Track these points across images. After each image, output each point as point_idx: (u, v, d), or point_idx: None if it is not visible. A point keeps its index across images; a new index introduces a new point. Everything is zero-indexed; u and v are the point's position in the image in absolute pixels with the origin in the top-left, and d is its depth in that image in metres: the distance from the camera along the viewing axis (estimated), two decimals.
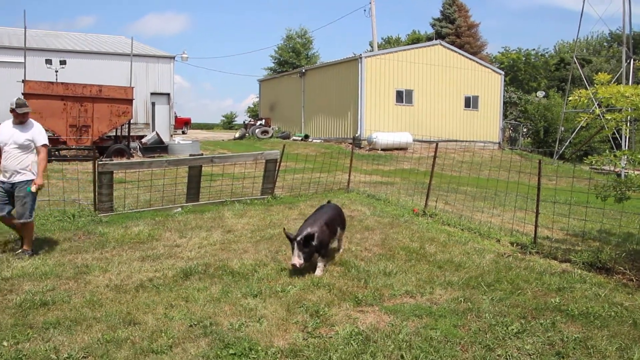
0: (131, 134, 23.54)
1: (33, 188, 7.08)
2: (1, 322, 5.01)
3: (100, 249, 7.59)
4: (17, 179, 7.01)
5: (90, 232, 8.52)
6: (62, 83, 21.41)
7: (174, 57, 29.84)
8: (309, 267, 6.53)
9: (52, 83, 21.28)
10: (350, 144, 24.54)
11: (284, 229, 7.00)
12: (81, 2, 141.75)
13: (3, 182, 7.04)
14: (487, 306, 5.54)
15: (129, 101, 22.06)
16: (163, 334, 4.76)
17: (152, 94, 28.32)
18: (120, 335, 4.71)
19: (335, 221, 7.04)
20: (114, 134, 23.18)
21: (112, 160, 12.58)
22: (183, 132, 42.68)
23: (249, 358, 4.38)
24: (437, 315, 5.29)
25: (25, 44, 22.89)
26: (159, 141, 23.63)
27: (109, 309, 5.32)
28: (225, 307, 5.42)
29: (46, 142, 7.27)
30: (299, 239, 6.27)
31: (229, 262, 6.88)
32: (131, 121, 23.24)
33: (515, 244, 8.35)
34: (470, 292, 5.98)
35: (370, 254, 7.50)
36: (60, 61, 24.20)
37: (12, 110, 7.02)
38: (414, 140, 27.77)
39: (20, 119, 7.07)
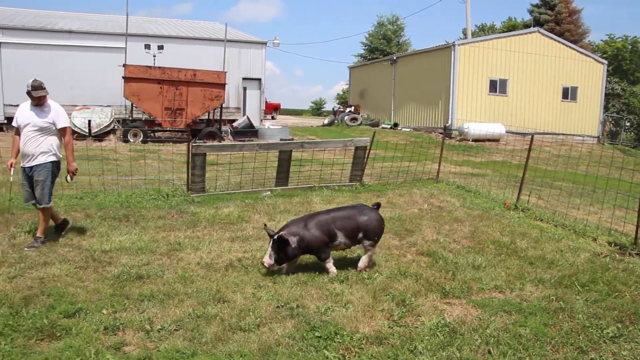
0: (223, 117, 24.15)
1: (69, 178, 7.15)
2: (101, 292, 5.29)
3: (192, 227, 7.84)
4: (34, 162, 6.84)
5: (183, 211, 8.82)
6: (159, 67, 22.25)
7: (265, 43, 30.24)
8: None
9: (149, 67, 22.17)
10: (441, 133, 24.09)
11: (265, 225, 6.55)
12: None
13: (24, 169, 6.92)
14: (580, 307, 5.29)
15: (222, 85, 22.63)
16: (251, 312, 4.85)
17: (243, 79, 28.84)
18: (210, 312, 4.85)
19: (340, 224, 6.05)
20: (206, 117, 23.88)
21: (205, 143, 12.92)
22: (272, 117, 43.37)
23: (335, 342, 4.39)
24: (527, 312, 5.11)
25: (127, 30, 23.91)
26: (250, 125, 24.11)
27: (199, 286, 5.49)
28: (311, 291, 5.46)
29: (67, 124, 7.04)
30: (275, 237, 5.81)
31: None
32: (223, 105, 23.82)
33: (613, 244, 7.91)
34: (562, 291, 5.73)
35: (458, 246, 7.34)
36: (158, 46, 25.10)
37: (28, 93, 6.73)
38: (506, 132, 26.90)
39: (37, 102, 6.81)
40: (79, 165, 12.73)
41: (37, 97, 6.73)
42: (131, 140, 21.06)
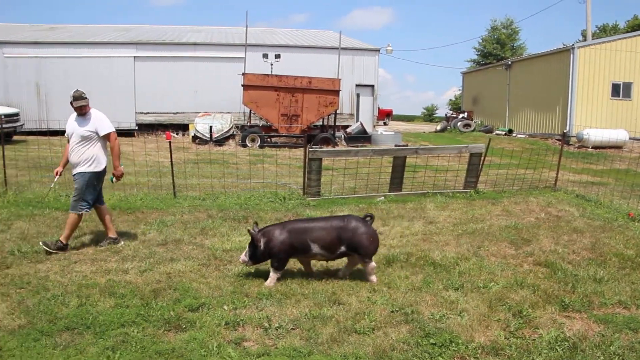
0: (336, 123, 24.51)
1: (114, 180, 7.21)
2: (222, 288, 5.53)
3: None
4: (75, 170, 6.98)
5: (299, 214, 9.02)
6: (276, 75, 23.03)
7: (378, 50, 30.35)
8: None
9: (267, 75, 22.99)
10: (558, 140, 23.03)
11: (255, 222, 6.27)
12: (295, 1, 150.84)
13: (73, 176, 7.05)
14: None
15: (336, 92, 22.99)
16: (366, 316, 4.87)
17: (357, 85, 29.11)
18: (325, 313, 4.92)
19: (316, 235, 5.75)
20: (321, 123, 24.31)
21: (322, 148, 13.16)
22: (384, 123, 43.36)
23: (450, 350, 4.32)
24: None
25: (246, 41, 24.92)
26: (363, 131, 24.30)
27: (315, 287, 5.59)
28: (426, 297, 5.40)
29: (111, 130, 7.05)
30: (252, 235, 5.78)
31: (430, 253, 6.83)
32: (337, 111, 24.21)
33: None
34: None
35: (578, 258, 6.95)
36: (275, 55, 25.98)
37: (71, 103, 6.86)
38: (630, 138, 25.18)
39: (79, 112, 6.92)
40: (202, 168, 13.47)
41: (78, 107, 6.87)
42: (249, 145, 21.90)
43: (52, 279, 5.84)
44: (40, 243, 6.83)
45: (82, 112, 6.90)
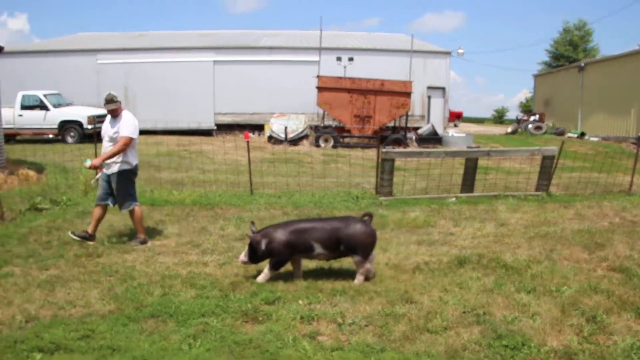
0: (407, 125, 24.47)
1: (87, 164, 7.32)
2: (297, 283, 5.71)
3: (380, 229, 8.02)
4: (110, 170, 7.18)
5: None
6: (349, 78, 23.32)
7: (450, 53, 30.08)
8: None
9: (340, 78, 23.34)
10: (633, 143, 22.12)
11: (252, 222, 6.21)
12: (368, 5, 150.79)
13: (104, 173, 7.27)
14: None
15: (408, 94, 23.02)
16: (438, 315, 4.91)
17: (428, 87, 28.91)
18: (398, 311, 5.00)
19: (317, 235, 5.78)
20: (392, 124, 24.34)
21: (394, 149, 13.26)
22: (455, 125, 42.71)
23: (522, 352, 4.30)
24: None
25: (320, 45, 25.28)
26: (434, 133, 24.19)
27: (388, 285, 5.68)
28: (498, 299, 5.39)
29: (129, 134, 7.07)
30: (250, 238, 5.81)
31: (502, 255, 6.78)
32: (408, 113, 24.19)
33: None
34: None
35: None
36: (348, 58, 26.23)
37: (104, 106, 7.18)
38: None
39: (111, 114, 7.16)
40: (278, 167, 13.81)
41: (109, 110, 7.11)
42: (322, 145, 22.23)
43: (138, 268, 6.23)
44: (132, 243, 7.24)
45: (114, 114, 7.15)
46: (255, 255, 5.81)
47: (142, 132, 26.09)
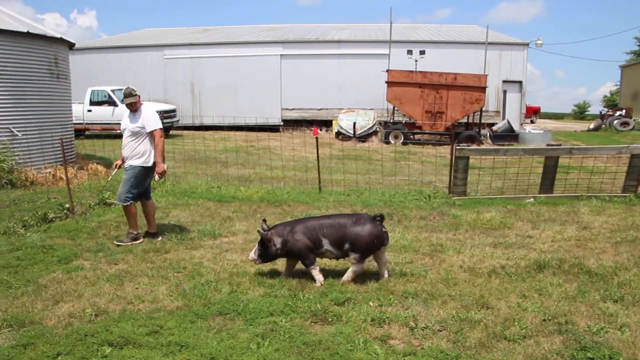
0: (481, 121, 23.85)
1: (156, 177, 7.22)
2: (367, 285, 5.55)
3: (454, 230, 7.86)
4: (127, 163, 7.17)
5: (444, 213, 8.89)
6: (420, 72, 22.86)
7: (527, 44, 29.01)
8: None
9: (411, 72, 22.90)
10: None
11: (264, 220, 6.04)
12: None
13: (124, 168, 7.26)
14: None
15: (482, 89, 22.40)
16: (516, 322, 4.68)
17: (503, 81, 28.09)
18: (473, 316, 4.79)
19: (327, 232, 5.70)
20: (465, 120, 23.77)
21: (468, 146, 12.89)
22: (532, 121, 41.47)
23: None
24: None
25: (390, 37, 24.97)
26: (510, 129, 23.48)
27: (462, 289, 5.47)
28: (581, 307, 5.08)
29: (156, 127, 7.13)
30: (261, 235, 5.74)
31: (585, 261, 6.41)
32: (482, 108, 23.55)
33: None
34: None
35: None
36: (420, 51, 25.74)
37: (122, 101, 7.15)
38: None
39: (130, 108, 7.13)
40: (347, 164, 13.71)
41: (129, 104, 7.08)
42: (392, 141, 21.96)
43: (206, 265, 6.25)
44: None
45: (133, 108, 7.13)
46: (266, 253, 5.80)
47: (208, 128, 26.87)
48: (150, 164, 7.18)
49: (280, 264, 6.20)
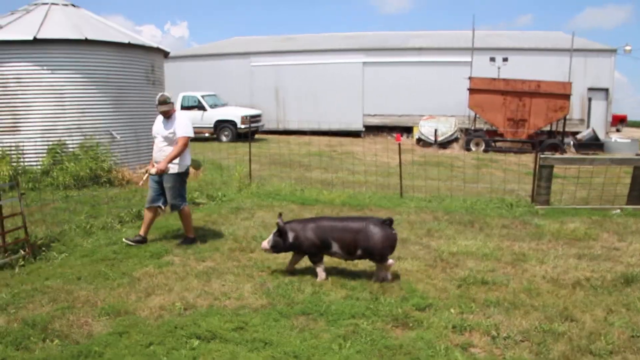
0: (565, 129, 23.17)
1: (152, 170, 7.14)
2: (449, 291, 5.61)
3: (536, 240, 7.75)
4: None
5: (527, 222, 8.77)
6: (502, 79, 22.51)
7: (615, 51, 27.82)
8: None
9: (493, 79, 22.60)
10: None
11: (280, 213, 6.19)
12: (520, 2, 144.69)
13: (153, 175, 7.24)
14: None
15: (567, 96, 21.79)
16: (602, 337, 4.59)
17: (589, 89, 27.06)
18: (557, 328, 4.73)
19: (337, 235, 5.84)
20: (548, 128, 23.16)
21: (553, 155, 12.63)
22: (617, 130, 39.70)
23: None
24: None
25: (472, 44, 24.66)
26: (595, 138, 22.70)
27: (545, 300, 5.40)
28: None
29: (186, 133, 7.15)
30: (278, 226, 5.94)
31: None
32: (566, 117, 22.87)
33: None
34: None
35: None
36: (502, 58, 25.26)
37: (157, 107, 7.15)
38: None
39: (164, 115, 7.16)
40: (429, 170, 13.72)
41: (162, 111, 7.13)
42: (473, 149, 21.73)
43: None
44: (182, 244, 7.34)
45: (167, 115, 7.18)
46: (279, 245, 6.00)
47: (291, 132, 27.46)
48: (188, 164, 7.40)
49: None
